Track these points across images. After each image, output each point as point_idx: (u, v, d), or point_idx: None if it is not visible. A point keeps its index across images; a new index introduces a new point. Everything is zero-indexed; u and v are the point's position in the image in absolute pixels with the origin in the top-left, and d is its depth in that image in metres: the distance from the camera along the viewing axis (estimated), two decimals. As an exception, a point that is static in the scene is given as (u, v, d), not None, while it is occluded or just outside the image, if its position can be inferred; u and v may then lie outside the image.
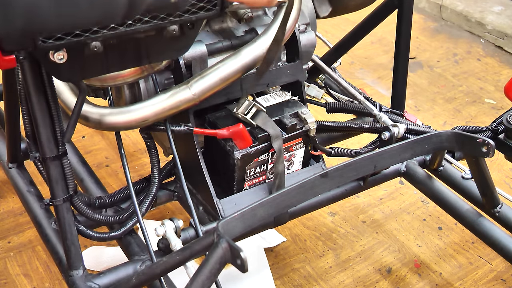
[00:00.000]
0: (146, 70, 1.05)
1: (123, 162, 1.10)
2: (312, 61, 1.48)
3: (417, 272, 1.60)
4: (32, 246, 1.60)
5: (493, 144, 1.03)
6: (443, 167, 1.35)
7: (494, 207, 1.25)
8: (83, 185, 1.29)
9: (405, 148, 1.10)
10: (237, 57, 1.07)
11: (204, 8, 0.93)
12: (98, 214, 1.08)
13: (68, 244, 1.02)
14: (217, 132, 1.13)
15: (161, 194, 1.23)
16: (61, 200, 0.99)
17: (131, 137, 2.01)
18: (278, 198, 0.98)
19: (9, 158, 1.33)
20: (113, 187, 1.80)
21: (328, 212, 1.76)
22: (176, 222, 1.06)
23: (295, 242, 1.66)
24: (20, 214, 1.69)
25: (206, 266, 0.81)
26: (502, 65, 2.56)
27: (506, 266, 1.61)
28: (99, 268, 1.51)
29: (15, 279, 1.52)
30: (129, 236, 1.14)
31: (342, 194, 1.30)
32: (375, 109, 1.31)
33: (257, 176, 1.19)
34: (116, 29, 0.87)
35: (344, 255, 1.64)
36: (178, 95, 1.05)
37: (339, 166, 1.04)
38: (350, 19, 1.09)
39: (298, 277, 1.56)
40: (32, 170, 1.37)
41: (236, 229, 0.93)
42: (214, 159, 1.18)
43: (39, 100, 0.92)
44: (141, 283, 0.96)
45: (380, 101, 1.39)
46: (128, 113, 1.03)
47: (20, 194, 1.28)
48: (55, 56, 0.85)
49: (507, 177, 1.93)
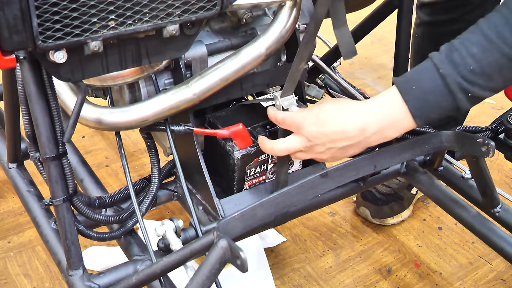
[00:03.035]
0: (146, 70, 1.05)
1: (123, 162, 1.10)
2: (312, 61, 1.48)
3: (417, 272, 1.60)
4: (32, 246, 1.61)
5: (493, 144, 1.03)
6: (443, 167, 1.35)
7: (494, 207, 1.25)
8: (83, 185, 1.28)
9: (405, 148, 1.10)
10: (237, 57, 1.07)
11: (204, 8, 0.93)
12: (98, 214, 1.08)
13: (68, 244, 1.02)
14: (217, 132, 1.13)
15: (161, 194, 1.23)
16: (61, 200, 0.99)
17: (131, 137, 2.01)
18: (278, 198, 0.98)
19: (9, 158, 1.33)
20: (113, 187, 1.80)
21: (328, 212, 1.76)
22: (176, 222, 1.06)
23: (295, 242, 1.66)
24: (20, 214, 1.69)
25: (206, 266, 0.81)
26: (502, 65, 2.56)
27: (506, 266, 1.61)
28: (99, 268, 1.51)
29: (15, 279, 1.52)
30: (129, 236, 1.14)
31: (342, 194, 1.30)
32: (375, 109, 1.31)
33: (257, 176, 1.19)
34: (116, 29, 0.88)
35: (344, 255, 1.64)
36: (178, 95, 1.05)
37: (339, 166, 1.04)
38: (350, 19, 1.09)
39: (298, 277, 1.56)
40: (32, 170, 1.37)
41: (236, 229, 0.93)
42: (214, 159, 1.18)
43: (39, 100, 0.92)
44: (141, 283, 0.96)
45: (380, 101, 1.39)
46: (128, 113, 1.03)
47: (20, 194, 1.28)
48: (55, 56, 0.85)
49: (507, 177, 1.93)
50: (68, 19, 0.83)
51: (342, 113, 1.04)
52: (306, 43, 1.02)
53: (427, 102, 0.98)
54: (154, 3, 0.89)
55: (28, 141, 1.02)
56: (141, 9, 0.88)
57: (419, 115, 0.99)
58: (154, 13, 0.89)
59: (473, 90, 0.95)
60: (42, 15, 0.81)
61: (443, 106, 0.98)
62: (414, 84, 0.99)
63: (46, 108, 0.93)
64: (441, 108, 0.98)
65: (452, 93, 0.96)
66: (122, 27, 0.88)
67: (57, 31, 0.83)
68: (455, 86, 0.96)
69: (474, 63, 0.94)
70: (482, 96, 0.97)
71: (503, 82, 0.96)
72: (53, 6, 0.81)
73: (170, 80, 1.12)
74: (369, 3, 1.44)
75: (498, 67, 0.94)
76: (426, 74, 0.98)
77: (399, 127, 1.01)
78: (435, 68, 0.97)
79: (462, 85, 0.95)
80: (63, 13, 0.82)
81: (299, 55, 1.04)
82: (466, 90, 0.96)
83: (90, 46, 0.87)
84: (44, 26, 0.82)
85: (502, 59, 0.93)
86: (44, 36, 0.82)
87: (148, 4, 0.88)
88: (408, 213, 1.74)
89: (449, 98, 0.97)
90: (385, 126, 1.01)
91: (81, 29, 0.85)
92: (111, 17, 0.86)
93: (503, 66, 0.94)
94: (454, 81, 0.95)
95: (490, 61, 0.94)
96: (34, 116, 0.93)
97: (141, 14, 0.88)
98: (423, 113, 0.99)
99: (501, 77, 0.95)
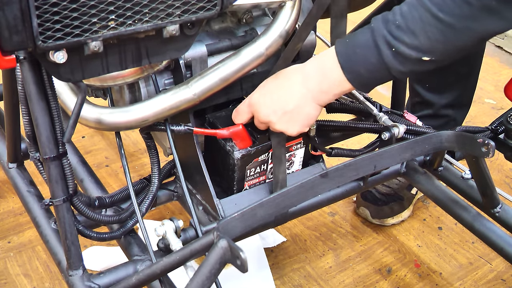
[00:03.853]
0: (146, 70, 1.05)
1: (123, 162, 1.10)
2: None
3: (417, 272, 1.60)
4: (32, 246, 1.61)
5: (493, 144, 1.03)
6: (443, 167, 1.35)
7: (494, 207, 1.25)
8: (83, 185, 1.28)
9: (405, 148, 1.10)
10: (237, 57, 1.07)
11: (204, 8, 0.93)
12: (98, 214, 1.08)
13: (68, 244, 1.02)
14: (217, 132, 1.13)
15: (161, 194, 1.23)
16: (61, 200, 0.99)
17: (131, 137, 2.01)
18: (278, 198, 0.98)
19: (9, 158, 1.33)
20: (113, 187, 1.80)
21: (328, 212, 1.76)
22: (176, 222, 1.06)
23: (295, 242, 1.66)
24: (20, 214, 1.69)
25: (206, 266, 0.81)
26: (502, 65, 2.56)
27: (506, 266, 1.61)
28: (99, 268, 1.51)
29: (15, 279, 1.52)
30: (129, 236, 1.14)
31: (342, 194, 1.30)
32: (375, 109, 1.31)
33: (257, 176, 1.19)
34: (116, 29, 0.88)
35: (344, 255, 1.64)
36: (178, 95, 1.05)
37: (339, 166, 1.04)
38: (350, 19, 1.09)
39: (298, 277, 1.56)
40: (32, 170, 1.37)
41: (236, 229, 0.93)
42: (214, 159, 1.18)
43: (39, 100, 0.92)
44: (141, 283, 0.96)
45: (380, 101, 1.39)
46: (128, 113, 1.03)
47: (20, 194, 1.28)
48: (55, 56, 0.85)
49: (507, 177, 1.93)
50: (68, 19, 0.83)
51: (283, 75, 1.08)
52: (308, 23, 1.04)
53: (355, 54, 1.00)
54: (154, 3, 0.89)
55: (28, 141, 1.02)
56: (141, 9, 0.88)
57: (347, 67, 1.00)
58: (154, 13, 0.89)
59: (398, 45, 0.96)
60: (42, 15, 0.81)
61: (369, 60, 0.99)
62: (349, 38, 1.01)
63: (46, 108, 0.93)
64: (367, 62, 0.99)
65: (377, 46, 0.97)
66: (122, 27, 0.88)
67: (57, 31, 0.83)
68: (381, 39, 0.97)
69: (400, 19, 0.96)
70: (409, 55, 0.96)
71: (427, 41, 0.95)
72: (53, 6, 0.81)
73: (170, 80, 1.12)
74: (369, 3, 1.44)
75: (421, 23, 0.94)
76: (361, 30, 1.01)
77: (333, 78, 1.02)
78: (369, 24, 1.00)
79: (386, 38, 0.96)
80: (63, 13, 0.82)
81: (297, 35, 1.06)
82: (391, 45, 0.96)
83: (90, 46, 0.87)
84: (44, 26, 0.82)
85: (425, 14, 0.93)
86: (44, 36, 0.82)
87: (148, 4, 0.88)
88: (408, 213, 1.74)
89: (374, 51, 0.98)
90: (320, 76, 1.03)
91: (81, 29, 0.85)
92: (111, 17, 0.86)
93: (425, 21, 0.94)
94: (380, 34, 0.97)
95: (414, 16, 0.94)
96: (34, 116, 0.93)
97: (141, 14, 0.88)
98: (350, 65, 1.00)
99: (425, 34, 0.95)
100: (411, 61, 0.97)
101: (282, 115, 1.07)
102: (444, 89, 1.67)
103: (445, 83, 1.66)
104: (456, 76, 1.65)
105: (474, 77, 1.70)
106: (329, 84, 1.03)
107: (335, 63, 1.01)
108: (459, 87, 1.68)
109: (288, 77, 1.07)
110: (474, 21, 0.92)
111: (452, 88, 1.67)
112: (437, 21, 0.93)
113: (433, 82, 1.67)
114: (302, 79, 1.05)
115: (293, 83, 1.06)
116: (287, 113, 1.06)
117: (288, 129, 1.08)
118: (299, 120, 1.07)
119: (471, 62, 1.65)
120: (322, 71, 1.03)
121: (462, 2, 0.91)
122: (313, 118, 1.09)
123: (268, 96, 1.07)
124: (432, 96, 1.68)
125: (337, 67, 1.01)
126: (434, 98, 1.68)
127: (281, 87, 1.07)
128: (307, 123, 1.08)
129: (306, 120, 1.08)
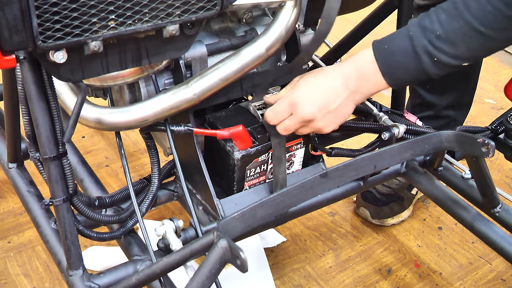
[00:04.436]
0: (146, 70, 1.05)
1: (123, 162, 1.10)
2: (312, 61, 1.48)
3: (417, 272, 1.60)
4: (32, 246, 1.61)
5: (493, 144, 1.03)
6: (443, 167, 1.35)
7: (494, 207, 1.25)
8: (83, 185, 1.28)
9: (405, 148, 1.10)
10: (237, 57, 1.07)
11: (204, 8, 0.93)
12: (98, 214, 1.08)
13: (68, 244, 1.02)
14: (217, 133, 1.13)
15: (161, 194, 1.23)
16: (61, 200, 0.99)
17: (131, 137, 2.01)
18: (278, 198, 0.98)
19: (9, 158, 1.33)
20: (113, 187, 1.80)
21: (328, 212, 1.76)
22: (176, 222, 1.06)
23: (295, 242, 1.66)
24: (20, 214, 1.69)
25: (206, 266, 0.81)
26: (501, 65, 2.56)
27: (506, 266, 1.61)
28: (99, 268, 1.51)
29: (15, 279, 1.52)
30: (129, 236, 1.14)
31: (342, 194, 1.30)
32: (375, 109, 1.31)
33: (257, 176, 1.19)
34: (116, 29, 0.88)
35: (344, 255, 1.64)
36: (178, 95, 1.05)
37: (339, 166, 1.04)
38: (350, 19, 1.09)
39: (298, 277, 1.56)
40: (32, 170, 1.37)
41: (236, 229, 0.93)
42: (214, 159, 1.18)
43: (39, 100, 0.92)
44: (141, 283, 0.96)
45: (380, 101, 1.39)
46: (128, 113, 1.03)
47: (20, 194, 1.28)
48: (55, 56, 0.85)
49: (507, 177, 1.93)
50: (68, 19, 0.83)
51: (322, 74, 1.09)
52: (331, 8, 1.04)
53: (395, 62, 1.02)
54: (154, 3, 0.89)
55: (28, 141, 1.02)
56: (141, 9, 0.88)
57: (387, 73, 1.03)
58: (154, 13, 0.89)
59: (439, 55, 0.98)
60: (42, 15, 0.81)
61: (409, 67, 1.01)
62: (387, 44, 1.03)
63: (46, 108, 0.93)
64: (408, 69, 1.02)
65: (418, 55, 0.99)
66: (122, 27, 0.88)
67: (57, 31, 0.83)
68: (421, 48, 0.99)
69: (440, 29, 0.97)
70: (449, 63, 0.99)
71: (468, 51, 0.98)
72: (53, 6, 0.81)
73: (170, 80, 1.12)
74: (369, 3, 1.44)
75: (461, 35, 0.96)
76: (398, 36, 1.02)
77: (373, 82, 1.05)
78: (407, 31, 1.01)
79: (427, 48, 0.98)
80: (63, 13, 0.82)
81: None
82: (432, 54, 0.99)
83: (90, 46, 0.87)
84: (44, 26, 0.82)
85: (465, 27, 0.95)
86: (44, 36, 0.82)
87: (148, 4, 0.88)
88: (408, 213, 1.74)
89: (415, 59, 1.00)
90: (359, 79, 1.05)
91: (81, 29, 0.85)
92: (111, 17, 0.86)
93: (466, 34, 0.96)
94: (420, 44, 0.99)
95: (454, 28, 0.96)
96: (34, 116, 0.93)
97: (141, 14, 0.88)
98: (391, 71, 1.03)
99: (465, 45, 0.97)
100: (451, 67, 1.01)
101: (326, 114, 1.08)
102: (445, 90, 1.68)
103: (446, 84, 1.67)
104: (457, 77, 1.65)
105: (474, 77, 1.70)
106: (369, 87, 1.06)
107: (375, 69, 1.04)
108: (460, 88, 1.68)
109: (328, 77, 1.08)
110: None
111: (453, 89, 1.67)
112: (478, 34, 0.95)
113: (434, 83, 1.67)
114: (343, 80, 1.07)
115: (335, 84, 1.07)
116: (330, 112, 1.08)
117: (326, 128, 1.10)
118: (338, 119, 1.10)
119: (471, 63, 1.65)
120: (361, 74, 1.06)
121: (502, 17, 0.93)
122: (347, 117, 1.12)
123: (312, 94, 1.08)
124: (433, 97, 1.69)
125: (377, 72, 1.04)
126: (435, 99, 1.69)
127: (323, 87, 1.08)
128: (342, 121, 1.11)
129: (343, 119, 1.10)
